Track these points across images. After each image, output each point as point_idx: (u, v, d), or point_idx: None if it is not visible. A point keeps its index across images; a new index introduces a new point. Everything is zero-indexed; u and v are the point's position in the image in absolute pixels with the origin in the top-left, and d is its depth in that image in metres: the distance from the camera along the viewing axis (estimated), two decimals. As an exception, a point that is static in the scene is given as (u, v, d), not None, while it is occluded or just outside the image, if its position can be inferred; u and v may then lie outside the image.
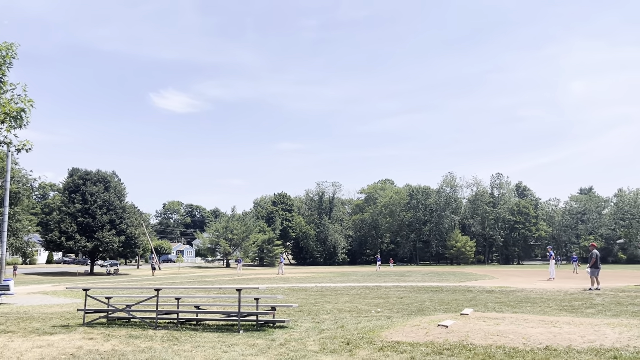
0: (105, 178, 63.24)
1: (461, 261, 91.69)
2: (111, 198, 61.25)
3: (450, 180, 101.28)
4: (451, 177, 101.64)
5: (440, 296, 18.94)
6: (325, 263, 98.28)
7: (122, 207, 62.73)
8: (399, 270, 53.87)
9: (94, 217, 58.82)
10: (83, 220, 58.25)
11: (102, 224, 59.00)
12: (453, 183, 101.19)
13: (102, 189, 61.17)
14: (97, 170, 64.01)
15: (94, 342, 9.15)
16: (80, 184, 60.64)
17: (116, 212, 61.11)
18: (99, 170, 64.23)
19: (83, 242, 57.56)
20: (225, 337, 9.63)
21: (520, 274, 38.85)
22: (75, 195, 59.73)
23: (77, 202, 59.01)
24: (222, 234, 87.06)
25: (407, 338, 8.35)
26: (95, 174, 63.07)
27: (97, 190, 60.39)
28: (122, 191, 65.55)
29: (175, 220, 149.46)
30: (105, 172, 64.88)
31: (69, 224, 57.59)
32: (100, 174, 63.53)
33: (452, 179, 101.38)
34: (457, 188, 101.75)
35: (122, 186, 66.70)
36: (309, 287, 25.57)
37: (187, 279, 40.15)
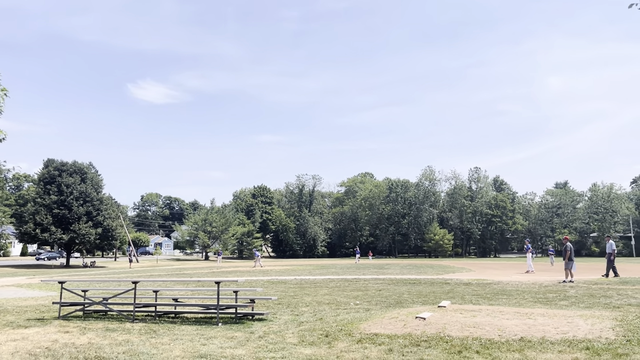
0: (81, 169, 62.20)
1: (439, 254, 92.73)
2: (88, 189, 60.30)
3: (429, 173, 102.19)
4: (430, 170, 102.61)
5: (418, 288, 19.14)
6: (304, 255, 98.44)
7: (98, 198, 61.83)
8: (377, 263, 54.27)
9: (70, 208, 57.86)
10: (58, 212, 57.25)
11: (78, 215, 58.08)
12: (432, 176, 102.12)
13: (78, 180, 60.16)
14: (73, 161, 62.91)
15: (70, 335, 9.03)
16: (56, 174, 59.54)
17: (93, 204, 60.21)
18: (75, 161, 63.12)
19: (58, 234, 56.60)
20: (204, 329, 9.59)
21: (497, 267, 39.47)
22: (51, 186, 58.63)
23: (52, 193, 57.95)
24: (201, 226, 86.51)
25: (385, 330, 8.43)
26: (72, 164, 61.97)
27: (73, 182, 59.37)
28: (99, 182, 64.58)
29: (153, 212, 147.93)
30: (81, 163, 63.80)
31: (44, 216, 56.56)
32: (76, 164, 62.44)
33: (430, 173, 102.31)
34: (435, 181, 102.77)
35: (99, 177, 65.72)
36: (288, 279, 25.60)
37: (165, 271, 39.83)
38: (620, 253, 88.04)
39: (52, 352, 7.48)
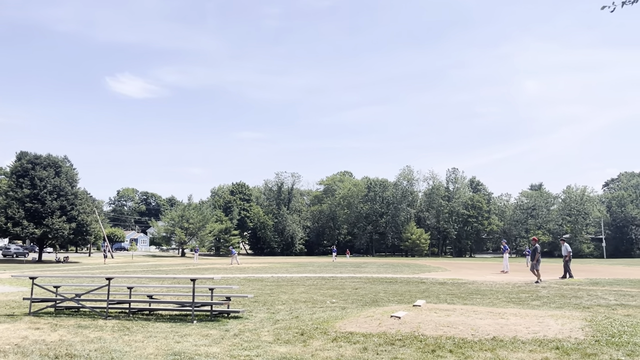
0: (55, 162, 60.94)
1: (415, 253, 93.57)
2: (62, 183, 59.13)
3: (407, 173, 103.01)
4: (408, 170, 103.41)
5: (394, 287, 19.28)
6: (282, 253, 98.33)
7: (73, 192, 60.66)
8: (355, 261, 54.51)
9: (43, 202, 56.67)
10: (31, 206, 56.01)
11: (51, 210, 56.91)
12: (410, 176, 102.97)
13: (52, 173, 58.94)
14: (47, 154, 61.57)
15: (40, 332, 8.87)
16: (29, 167, 58.24)
17: (67, 198, 59.05)
18: (49, 155, 61.79)
19: (31, 229, 55.40)
20: (178, 327, 9.52)
21: (472, 267, 40.00)
22: (24, 179, 57.33)
23: (25, 186, 56.66)
24: (178, 223, 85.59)
25: (360, 328, 8.47)
26: (46, 158, 60.68)
27: (47, 175, 58.14)
28: (74, 176, 63.35)
29: (129, 208, 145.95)
30: (56, 157, 62.48)
31: (16, 209, 55.27)
32: (50, 158, 61.15)
33: (409, 172, 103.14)
34: (413, 181, 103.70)
35: (73, 171, 64.45)
36: (265, 277, 25.53)
37: (140, 267, 39.35)
38: (591, 254, 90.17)
39: (21, 349, 7.34)
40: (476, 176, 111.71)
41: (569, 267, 23.38)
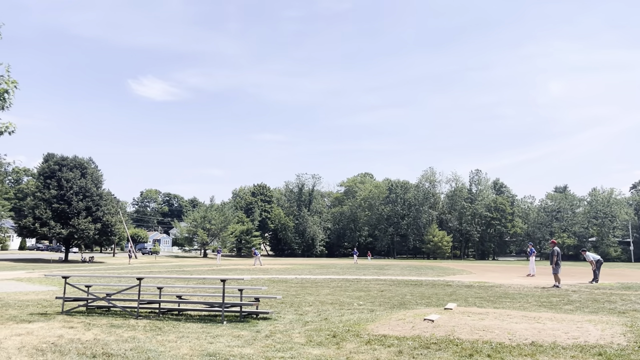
0: (81, 164, 62.03)
1: (437, 255, 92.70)
2: (87, 184, 60.15)
3: (430, 175, 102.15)
4: (431, 171, 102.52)
5: (420, 290, 19.09)
6: (303, 255, 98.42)
7: (98, 193, 61.66)
8: (377, 263, 54.23)
9: (70, 203, 57.71)
10: (58, 207, 57.10)
11: (77, 210, 57.93)
12: (432, 178, 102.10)
13: (78, 175, 60.01)
14: (73, 156, 62.76)
15: (75, 331, 8.96)
16: (56, 169, 59.40)
17: (92, 199, 60.05)
18: (75, 156, 62.96)
19: (57, 229, 56.47)
20: (209, 327, 9.53)
21: (497, 269, 39.42)
22: (51, 180, 58.49)
23: (52, 187, 57.80)
24: (200, 224, 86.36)
25: (393, 331, 8.37)
26: (72, 159, 61.83)
27: (73, 176, 59.22)
28: (99, 178, 64.38)
29: (152, 209, 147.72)
30: (81, 158, 63.59)
31: (44, 210, 56.41)
32: (76, 159, 62.28)
33: (431, 174, 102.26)
34: (435, 183, 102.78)
35: (98, 173, 65.50)
36: (289, 278, 25.53)
37: (164, 268, 39.73)
38: (618, 258, 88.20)
39: (58, 347, 7.41)
40: (500, 178, 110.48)
41: (598, 272, 22.85)
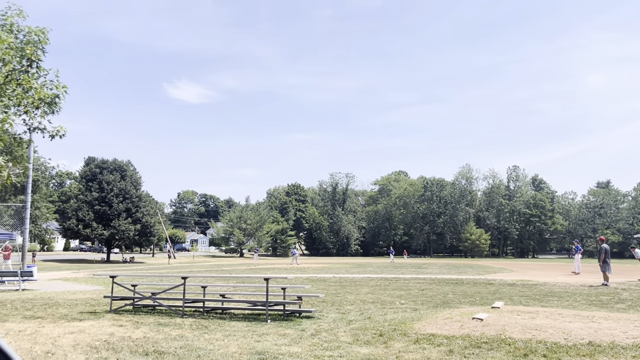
0: (121, 166, 63.61)
1: (475, 254, 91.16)
2: (127, 186, 61.63)
3: (466, 171, 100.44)
4: (467, 168, 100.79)
5: (462, 288, 18.78)
6: (337, 254, 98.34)
7: (137, 195, 63.10)
8: (414, 262, 53.69)
9: (110, 205, 59.25)
10: (99, 208, 58.69)
11: (118, 212, 59.41)
12: (469, 175, 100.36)
13: (118, 177, 61.56)
14: (113, 159, 64.42)
15: (125, 329, 9.14)
16: (97, 172, 61.09)
17: (132, 201, 61.49)
18: (115, 159, 64.60)
19: (99, 230, 58.06)
20: (254, 326, 9.57)
21: (538, 267, 38.47)
22: (92, 183, 60.19)
23: (93, 190, 59.47)
24: (236, 224, 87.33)
25: (441, 330, 8.21)
26: (112, 162, 63.48)
27: (114, 179, 60.78)
28: (138, 180, 65.87)
29: (189, 210, 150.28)
30: (121, 161, 65.21)
31: (86, 212, 58.09)
32: (116, 162, 63.91)
33: (468, 171, 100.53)
34: (472, 180, 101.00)
35: (137, 175, 67.05)
36: (326, 277, 25.52)
37: (203, 267, 40.34)
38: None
39: (111, 345, 7.56)
40: (539, 174, 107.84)
41: None
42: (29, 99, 7.53)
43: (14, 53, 7.03)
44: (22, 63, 7.08)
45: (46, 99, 7.69)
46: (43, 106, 7.76)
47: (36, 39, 7.50)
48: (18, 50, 6.95)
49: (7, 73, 7.11)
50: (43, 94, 7.62)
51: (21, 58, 7.02)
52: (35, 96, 7.51)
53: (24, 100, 7.47)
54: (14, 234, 22.73)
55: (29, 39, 7.05)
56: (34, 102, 7.59)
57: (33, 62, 7.05)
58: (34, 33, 7.47)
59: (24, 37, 7.55)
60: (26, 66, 7.07)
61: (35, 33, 7.47)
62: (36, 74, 7.24)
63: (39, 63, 7.12)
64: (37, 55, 7.07)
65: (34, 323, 9.88)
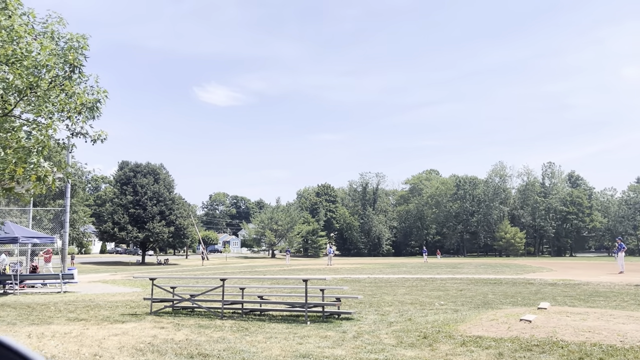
0: (154, 170, 64.66)
1: (510, 253, 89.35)
2: (160, 189, 62.62)
3: (500, 169, 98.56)
4: (501, 166, 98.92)
5: (501, 288, 18.35)
6: (369, 254, 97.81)
7: (171, 198, 64.02)
8: (448, 262, 52.94)
9: (145, 208, 60.30)
10: (134, 211, 59.81)
11: (152, 214, 60.42)
12: (502, 172, 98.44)
13: (151, 180, 62.61)
14: (146, 163, 65.54)
15: (167, 331, 9.19)
16: (131, 175, 62.26)
17: (165, 203, 62.44)
18: (148, 163, 65.71)
19: (134, 233, 59.16)
20: (294, 328, 9.50)
21: (578, 266, 37.39)
22: (127, 186, 61.38)
23: (128, 193, 60.64)
24: (267, 225, 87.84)
25: (488, 332, 7.97)
26: (145, 166, 64.60)
27: (147, 182, 61.84)
28: (171, 183, 66.84)
29: (220, 211, 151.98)
30: (154, 164, 66.29)
31: (121, 215, 59.27)
32: (149, 166, 65.01)
33: (501, 168, 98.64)
34: (506, 177, 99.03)
35: (170, 178, 68.06)
36: (361, 278, 25.34)
37: (237, 268, 40.64)
38: None
39: (155, 347, 7.59)
40: (575, 170, 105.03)
41: None
42: (72, 104, 7.61)
43: (56, 59, 7.12)
44: (65, 69, 7.16)
45: (88, 104, 7.78)
46: (85, 111, 7.84)
47: (77, 45, 7.59)
48: (61, 56, 7.03)
49: (51, 79, 7.21)
50: (85, 99, 7.70)
51: (64, 64, 7.10)
52: (77, 101, 7.59)
53: (66, 106, 7.56)
54: (55, 237, 23.30)
55: (70, 45, 7.13)
56: (76, 107, 7.67)
57: (76, 67, 7.13)
58: (75, 39, 7.56)
59: (65, 43, 7.64)
60: (69, 72, 7.16)
61: (76, 39, 7.55)
62: (78, 79, 7.32)
63: (81, 68, 7.19)
64: (79, 60, 7.14)
65: (78, 325, 10.04)
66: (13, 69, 6.79)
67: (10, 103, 7.20)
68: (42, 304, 14.31)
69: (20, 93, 6.97)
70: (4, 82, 6.78)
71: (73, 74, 7.20)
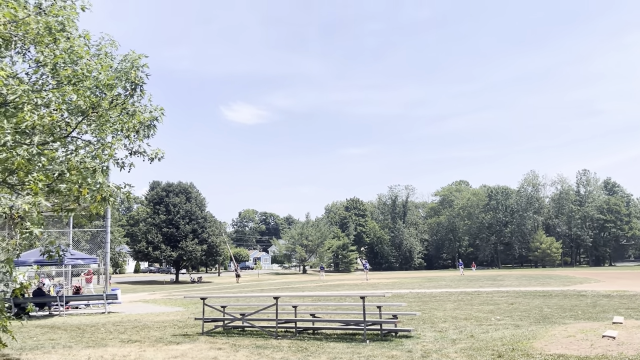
0: (186, 189, 65.27)
1: (546, 263, 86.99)
2: (192, 208, 63.12)
3: (532, 178, 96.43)
4: (533, 175, 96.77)
5: (554, 301, 17.63)
6: (400, 268, 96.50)
7: (203, 216, 64.44)
8: (485, 274, 51.68)
9: (177, 227, 60.80)
10: (167, 231, 60.35)
11: (185, 233, 60.86)
12: (535, 181, 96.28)
13: (183, 199, 63.18)
14: (178, 182, 66.21)
15: (225, 353, 8.95)
16: (163, 195, 62.96)
17: (197, 222, 62.87)
18: (179, 182, 66.37)
19: (168, 252, 59.61)
20: (355, 347, 9.15)
21: (624, 276, 35.99)
22: (159, 206, 62.05)
23: (161, 212, 61.27)
24: (298, 240, 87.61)
25: (569, 350, 7.49)
26: (177, 185, 65.27)
27: (179, 201, 62.43)
28: (202, 201, 67.31)
29: (250, 228, 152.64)
30: (185, 183, 66.93)
31: (155, 234, 59.86)
32: (181, 185, 65.65)
33: (534, 177, 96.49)
34: (539, 186, 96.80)
35: (201, 196, 68.58)
36: (402, 292, 24.78)
37: (272, 285, 40.39)
38: None
39: (220, 370, 7.35)
40: (611, 177, 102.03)
41: None
42: (129, 122, 7.54)
43: (118, 78, 7.07)
44: (127, 87, 7.10)
45: (145, 122, 7.69)
46: (143, 129, 7.76)
47: (139, 62, 7.53)
48: (122, 75, 6.97)
49: (112, 98, 7.14)
50: (143, 117, 7.62)
51: (126, 82, 7.04)
52: (136, 120, 7.51)
53: (125, 125, 7.49)
54: (97, 258, 23.49)
55: (132, 63, 7.07)
56: (134, 125, 7.59)
57: (137, 85, 7.06)
58: (137, 57, 7.50)
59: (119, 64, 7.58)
60: (131, 90, 7.09)
61: (138, 57, 7.50)
62: (139, 97, 7.25)
63: (142, 87, 7.12)
64: (141, 78, 7.07)
65: (134, 347, 9.89)
66: (75, 90, 6.75)
67: (72, 125, 7.15)
68: (91, 325, 14.28)
69: (83, 114, 6.92)
70: (67, 103, 6.73)
71: (135, 92, 7.13)
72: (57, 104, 6.49)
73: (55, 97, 6.46)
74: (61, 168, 6.51)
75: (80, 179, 6.54)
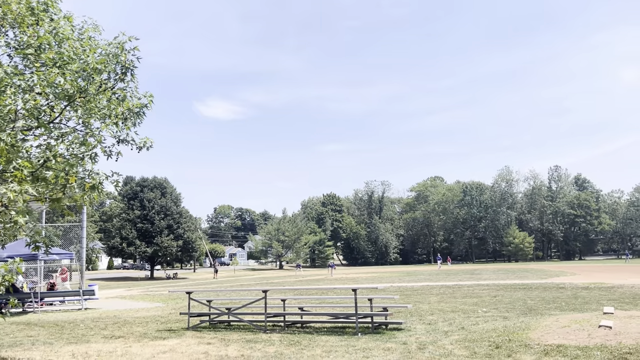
0: (161, 184, 64.19)
1: (519, 257, 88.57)
2: (168, 203, 62.14)
3: (506, 174, 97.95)
4: (507, 171, 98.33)
5: (535, 293, 17.84)
6: (376, 263, 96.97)
7: (178, 212, 63.52)
8: (461, 268, 52.31)
9: (152, 222, 59.79)
10: (142, 226, 59.29)
11: (160, 229, 59.89)
12: (508, 177, 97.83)
13: (158, 194, 62.13)
14: (153, 177, 65.08)
15: (216, 347, 8.69)
16: (138, 190, 61.80)
17: (173, 217, 61.93)
18: (155, 177, 65.25)
19: (143, 247, 58.57)
20: (348, 340, 9.00)
21: (599, 270, 36.85)
22: (134, 201, 60.90)
23: (135, 208, 60.15)
24: (274, 236, 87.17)
25: (567, 340, 7.47)
26: (152, 180, 64.12)
27: (154, 196, 61.37)
28: (178, 196, 66.34)
29: (226, 224, 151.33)
30: (160, 178, 65.83)
31: (129, 230, 58.74)
32: (156, 180, 64.52)
33: (507, 173, 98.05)
34: (512, 182, 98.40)
35: (177, 192, 67.54)
36: (385, 287, 24.75)
37: (250, 281, 40.04)
38: None
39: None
40: (581, 173, 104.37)
41: None
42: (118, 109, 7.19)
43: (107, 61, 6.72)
44: (117, 71, 6.76)
45: (134, 109, 7.35)
46: (131, 116, 7.42)
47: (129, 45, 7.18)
48: (113, 56, 6.63)
49: (101, 82, 6.80)
50: (132, 103, 7.29)
51: (116, 65, 6.70)
52: (124, 106, 7.17)
53: (113, 111, 7.13)
54: (73, 253, 22.81)
55: (122, 46, 6.73)
56: (123, 112, 7.25)
57: (128, 69, 6.72)
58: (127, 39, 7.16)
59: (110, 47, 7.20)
60: (121, 74, 6.75)
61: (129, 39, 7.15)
62: (131, 81, 6.91)
63: (133, 70, 6.78)
64: (131, 61, 6.74)
65: (119, 343, 9.54)
66: (61, 72, 6.38)
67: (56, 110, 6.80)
68: (69, 322, 13.80)
69: (70, 98, 6.56)
70: (54, 86, 6.37)
71: (125, 77, 6.78)
72: (42, 86, 6.14)
73: (40, 79, 6.11)
74: (46, 155, 6.17)
75: (67, 167, 6.20)
